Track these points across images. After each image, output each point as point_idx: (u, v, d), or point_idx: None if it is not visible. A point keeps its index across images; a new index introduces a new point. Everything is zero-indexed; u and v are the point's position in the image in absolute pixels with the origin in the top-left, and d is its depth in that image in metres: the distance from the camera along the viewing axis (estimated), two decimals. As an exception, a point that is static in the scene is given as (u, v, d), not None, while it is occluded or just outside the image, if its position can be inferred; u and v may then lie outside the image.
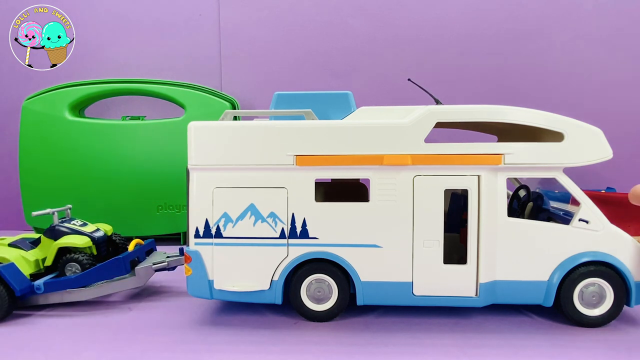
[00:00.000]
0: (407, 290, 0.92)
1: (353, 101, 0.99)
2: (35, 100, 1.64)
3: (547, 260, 0.90)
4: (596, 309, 0.90)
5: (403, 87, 1.14)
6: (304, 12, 1.79)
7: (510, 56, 1.73)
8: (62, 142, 1.62)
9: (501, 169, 0.90)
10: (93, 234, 1.13)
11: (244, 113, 1.02)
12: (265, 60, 1.82)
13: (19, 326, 0.95)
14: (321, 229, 0.92)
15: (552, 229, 0.91)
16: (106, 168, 1.62)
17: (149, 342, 0.87)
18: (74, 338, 0.89)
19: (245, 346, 0.84)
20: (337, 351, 0.82)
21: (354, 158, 0.91)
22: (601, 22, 1.69)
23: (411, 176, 0.90)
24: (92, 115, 1.74)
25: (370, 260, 0.92)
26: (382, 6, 1.76)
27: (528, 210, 1.03)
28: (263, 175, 0.92)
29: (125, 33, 1.85)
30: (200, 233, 0.94)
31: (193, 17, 1.83)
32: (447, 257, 0.91)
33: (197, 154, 0.93)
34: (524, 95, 1.71)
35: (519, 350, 0.82)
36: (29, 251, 1.09)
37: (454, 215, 1.03)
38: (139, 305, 1.06)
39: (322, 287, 0.94)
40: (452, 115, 0.91)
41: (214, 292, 0.95)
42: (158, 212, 1.63)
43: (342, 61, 1.79)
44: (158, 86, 1.65)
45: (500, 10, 1.72)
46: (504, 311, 0.97)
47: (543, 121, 0.89)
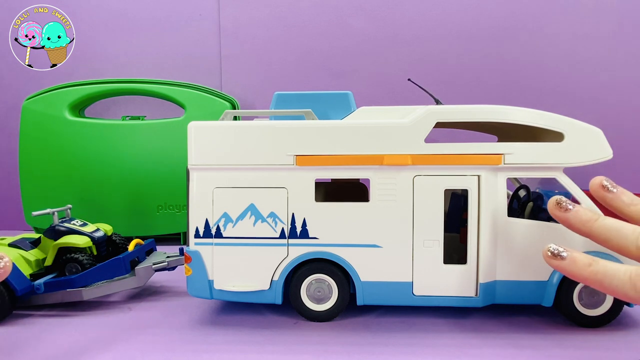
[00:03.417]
0: (407, 290, 0.92)
1: (353, 101, 0.99)
2: (35, 100, 1.64)
3: (547, 260, 0.90)
4: (596, 309, 0.90)
5: (403, 87, 1.14)
6: (304, 12, 1.79)
7: (510, 56, 1.73)
8: (62, 142, 1.62)
9: (501, 169, 0.90)
10: (93, 234, 1.13)
11: (244, 113, 1.02)
12: (265, 60, 1.82)
13: (19, 326, 0.95)
14: (321, 229, 0.92)
15: (552, 229, 0.90)
16: (106, 168, 1.62)
17: (149, 342, 0.87)
18: (74, 338, 0.89)
19: (245, 346, 0.84)
20: (337, 351, 0.82)
21: (354, 158, 0.91)
22: (601, 22, 1.69)
23: (411, 176, 0.90)
24: (92, 115, 1.74)
25: (370, 260, 0.92)
26: (382, 6, 1.76)
27: (528, 210, 1.03)
28: (263, 175, 0.92)
29: (126, 33, 1.85)
30: (200, 233, 0.94)
31: (193, 17, 1.83)
32: (447, 257, 0.91)
33: (197, 154, 0.93)
34: (523, 95, 1.71)
35: (519, 350, 0.82)
36: (29, 251, 1.09)
37: (454, 215, 1.03)
38: (139, 305, 1.06)
39: (322, 287, 0.94)
40: (452, 115, 0.91)
41: (213, 292, 0.95)
42: (158, 212, 1.63)
43: (342, 61, 1.79)
44: (158, 86, 1.65)
45: (500, 10, 1.72)
46: (504, 311, 0.97)
47: (543, 121, 0.89)
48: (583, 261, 0.67)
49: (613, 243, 0.69)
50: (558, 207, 0.73)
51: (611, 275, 0.64)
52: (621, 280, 0.64)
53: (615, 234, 0.69)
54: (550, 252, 0.69)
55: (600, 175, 0.75)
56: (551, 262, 0.69)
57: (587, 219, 0.71)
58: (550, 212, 0.74)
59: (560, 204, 0.73)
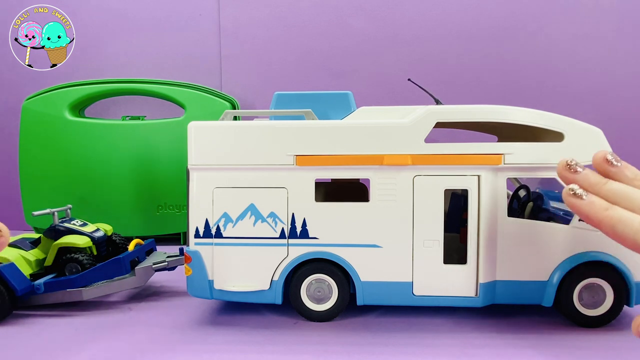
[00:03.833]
0: (407, 290, 0.92)
1: (353, 101, 0.99)
2: (35, 100, 1.64)
3: (547, 260, 0.90)
4: (596, 309, 0.90)
5: (403, 87, 1.14)
6: (304, 12, 1.79)
7: (510, 56, 1.73)
8: (62, 142, 1.62)
9: (501, 169, 0.90)
10: (93, 234, 1.13)
11: (244, 113, 1.02)
12: (265, 60, 1.82)
13: (19, 326, 0.95)
14: (321, 229, 0.92)
15: (552, 229, 0.90)
16: (106, 168, 1.62)
17: (149, 342, 0.87)
18: (74, 338, 0.89)
19: (245, 346, 0.84)
20: (337, 351, 0.82)
21: (354, 158, 0.91)
22: (601, 22, 1.69)
23: (411, 176, 0.90)
24: (92, 115, 1.74)
25: (370, 260, 0.92)
26: (381, 6, 1.76)
27: (528, 210, 1.03)
28: (263, 175, 0.92)
29: (126, 33, 1.85)
30: (200, 233, 0.94)
31: (193, 17, 1.83)
32: (447, 257, 0.91)
33: (197, 154, 0.93)
34: (523, 95, 1.71)
35: (519, 350, 0.82)
36: (29, 251, 1.09)
37: (454, 215, 1.03)
38: (139, 305, 1.06)
39: (322, 287, 0.94)
40: (452, 115, 0.91)
41: (214, 292, 0.95)
42: (158, 212, 1.63)
43: (342, 61, 1.79)
44: (158, 86, 1.65)
45: (500, 10, 1.72)
46: (504, 311, 0.97)
47: (543, 121, 0.89)
48: (601, 204, 0.69)
49: (621, 207, 0.69)
50: (567, 169, 0.73)
51: (625, 222, 0.65)
52: (635, 229, 0.64)
53: (623, 197, 0.69)
54: (572, 190, 0.70)
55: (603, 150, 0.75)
56: (570, 200, 0.70)
57: (595, 182, 0.72)
58: (559, 174, 0.74)
59: (570, 166, 0.73)
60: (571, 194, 0.70)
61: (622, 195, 0.69)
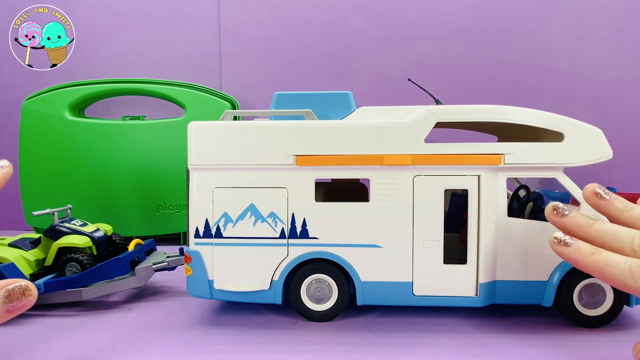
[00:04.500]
0: (407, 290, 0.92)
1: (353, 101, 0.99)
2: (35, 100, 1.64)
3: (547, 260, 0.90)
4: (596, 309, 0.90)
5: (403, 87, 1.14)
6: (304, 12, 1.79)
7: (510, 56, 1.73)
8: (62, 142, 1.62)
9: (501, 169, 0.90)
10: (93, 234, 1.13)
11: (244, 113, 1.02)
12: (265, 60, 1.82)
13: (19, 326, 0.95)
14: (321, 229, 0.92)
15: (552, 229, 0.90)
16: (106, 168, 1.62)
17: (149, 342, 0.87)
18: (74, 338, 0.89)
19: (245, 346, 0.84)
20: (337, 351, 0.82)
21: (354, 158, 0.91)
22: (601, 22, 1.69)
23: (411, 176, 0.90)
24: (92, 115, 1.74)
25: (370, 260, 0.92)
26: (381, 6, 1.76)
27: (528, 210, 1.03)
28: (263, 175, 0.92)
29: (126, 33, 1.85)
30: (200, 233, 0.94)
31: (193, 17, 1.83)
32: (447, 257, 0.91)
33: (197, 154, 0.93)
34: (523, 95, 1.72)
35: (518, 350, 0.82)
36: (29, 251, 1.09)
37: (454, 215, 1.03)
38: (139, 305, 1.06)
39: (322, 287, 0.94)
40: (452, 115, 0.91)
41: (214, 292, 0.95)
42: (158, 212, 1.63)
43: (342, 61, 1.79)
44: (158, 86, 1.65)
45: (500, 10, 1.72)
46: (504, 311, 0.97)
47: (543, 121, 0.89)
48: (587, 250, 0.71)
49: (609, 247, 0.71)
50: (555, 213, 0.76)
51: (612, 265, 0.67)
52: (621, 270, 0.66)
53: (610, 237, 0.72)
54: (557, 239, 0.73)
55: (593, 183, 0.77)
56: (557, 248, 0.73)
57: (583, 224, 0.74)
58: (548, 218, 0.77)
59: (557, 210, 0.76)
60: (557, 242, 0.73)
61: (610, 236, 0.72)
